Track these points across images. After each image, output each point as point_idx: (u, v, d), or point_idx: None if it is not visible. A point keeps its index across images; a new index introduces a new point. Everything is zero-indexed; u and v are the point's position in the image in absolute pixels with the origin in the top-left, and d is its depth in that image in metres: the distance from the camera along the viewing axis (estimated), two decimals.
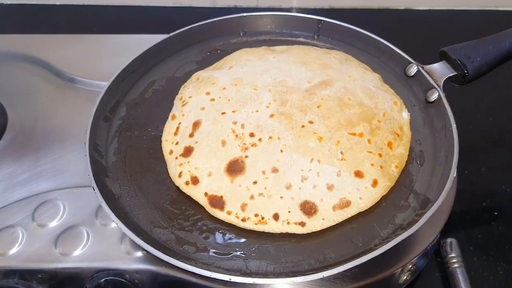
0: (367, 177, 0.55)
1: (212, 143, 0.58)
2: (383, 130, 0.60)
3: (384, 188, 0.55)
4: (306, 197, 0.54)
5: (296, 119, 0.59)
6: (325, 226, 0.52)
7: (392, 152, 0.58)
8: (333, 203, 0.53)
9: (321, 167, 0.55)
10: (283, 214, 0.53)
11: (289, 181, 0.54)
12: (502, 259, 0.63)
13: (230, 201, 0.54)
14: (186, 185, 0.56)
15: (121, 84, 0.69)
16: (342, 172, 0.55)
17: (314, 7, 1.13)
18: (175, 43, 0.76)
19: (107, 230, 0.56)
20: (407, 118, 0.63)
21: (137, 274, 0.53)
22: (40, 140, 0.69)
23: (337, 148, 0.56)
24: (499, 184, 0.73)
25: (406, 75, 0.69)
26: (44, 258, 0.54)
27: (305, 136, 0.57)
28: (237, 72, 0.67)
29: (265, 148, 0.56)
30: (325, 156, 0.56)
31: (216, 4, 1.13)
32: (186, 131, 0.61)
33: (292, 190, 0.54)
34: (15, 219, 0.57)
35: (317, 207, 0.53)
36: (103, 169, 0.59)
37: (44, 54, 0.82)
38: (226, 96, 0.63)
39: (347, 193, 0.54)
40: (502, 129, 0.82)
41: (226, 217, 0.53)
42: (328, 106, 0.60)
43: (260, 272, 0.49)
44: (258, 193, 0.54)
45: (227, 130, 0.58)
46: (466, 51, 0.63)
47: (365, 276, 0.52)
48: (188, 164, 0.57)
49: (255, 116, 0.59)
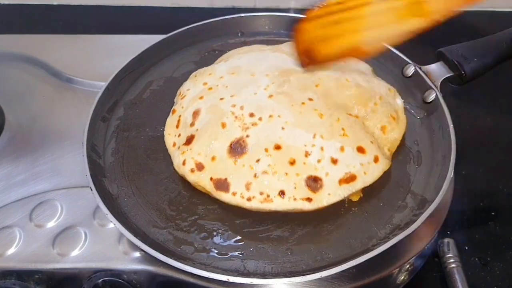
0: (368, 153, 0.55)
1: (213, 127, 0.57)
2: (379, 113, 0.60)
3: (385, 164, 0.56)
4: (311, 171, 0.53)
5: (295, 97, 0.58)
6: (331, 201, 0.52)
7: (385, 136, 0.59)
8: (339, 177, 0.53)
9: (324, 142, 0.54)
10: (289, 190, 0.52)
11: (293, 157, 0.53)
12: (499, 259, 0.63)
13: (235, 182, 0.53)
14: (191, 172, 0.55)
15: (119, 85, 0.68)
16: (345, 147, 0.55)
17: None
18: (173, 43, 0.76)
19: (104, 230, 0.56)
20: (401, 104, 0.63)
21: (135, 274, 0.53)
22: (38, 141, 0.68)
23: (338, 124, 0.56)
24: (496, 184, 0.74)
25: (404, 75, 0.69)
26: (42, 259, 0.53)
27: (305, 112, 0.57)
28: (234, 62, 0.67)
29: (266, 126, 0.56)
30: (328, 131, 0.55)
31: (214, 5, 1.13)
32: (187, 121, 0.60)
33: (297, 166, 0.53)
34: (13, 220, 0.57)
35: (322, 182, 0.53)
36: (100, 169, 0.59)
37: (41, 54, 0.82)
38: (223, 83, 0.62)
39: (352, 167, 0.54)
40: (499, 130, 0.82)
41: (231, 198, 0.53)
42: (327, 85, 0.60)
43: (258, 273, 0.49)
44: (262, 171, 0.53)
45: (227, 113, 0.58)
46: (463, 52, 0.64)
47: (363, 276, 0.52)
48: (191, 151, 0.56)
49: (254, 98, 0.59)
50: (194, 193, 0.56)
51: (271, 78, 0.61)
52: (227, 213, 0.54)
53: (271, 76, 0.62)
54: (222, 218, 0.54)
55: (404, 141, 0.61)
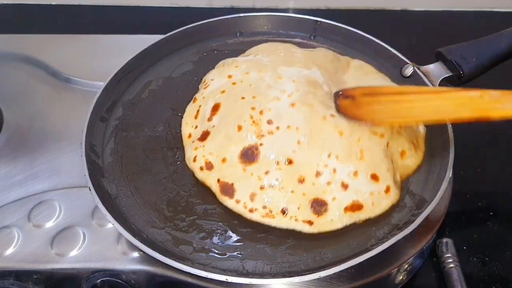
0: (382, 182, 0.53)
1: (229, 128, 0.56)
2: (402, 136, 0.58)
3: (394, 197, 0.54)
4: (319, 194, 0.52)
5: (317, 110, 0.56)
6: (333, 227, 0.51)
7: (401, 162, 0.57)
8: (346, 204, 0.51)
9: (338, 164, 0.52)
10: (292, 210, 0.51)
11: (303, 175, 0.52)
12: (498, 259, 0.64)
13: (240, 190, 0.53)
14: (200, 170, 0.55)
15: (117, 84, 0.68)
16: (359, 172, 0.53)
17: (311, 7, 1.13)
18: (171, 43, 0.76)
19: (103, 230, 0.56)
20: (423, 132, 0.62)
21: (133, 274, 0.53)
22: (36, 141, 0.68)
23: (358, 145, 0.53)
24: (495, 184, 0.74)
25: (402, 76, 0.69)
26: (40, 259, 0.53)
27: (325, 128, 0.54)
28: (262, 59, 0.65)
29: (282, 137, 0.54)
30: (344, 152, 0.53)
31: (213, 5, 1.13)
32: (206, 114, 0.59)
33: (305, 185, 0.52)
34: (11, 220, 0.57)
35: (328, 206, 0.51)
36: (99, 169, 0.59)
37: (40, 54, 0.81)
38: (248, 80, 0.60)
39: (360, 196, 0.52)
40: (498, 130, 0.82)
41: (234, 205, 0.52)
42: None
43: (256, 273, 0.49)
44: (269, 184, 0.52)
45: (245, 115, 0.56)
46: (461, 52, 0.64)
47: (361, 276, 0.52)
48: (203, 149, 0.56)
49: (276, 104, 0.56)
50: (193, 193, 0.56)
51: (297, 85, 0.59)
52: (226, 213, 0.54)
53: (298, 83, 0.59)
54: (221, 218, 0.54)
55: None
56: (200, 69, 0.72)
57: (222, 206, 0.54)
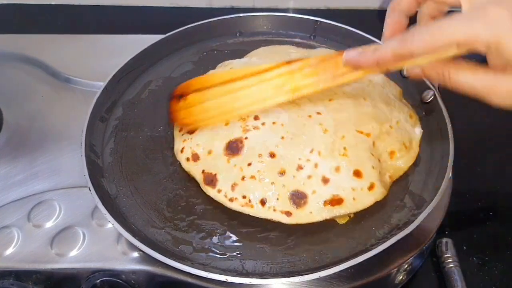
0: (365, 179, 0.54)
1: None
2: (392, 137, 0.58)
3: (379, 194, 0.54)
4: (298, 186, 0.53)
5: (304, 108, 0.58)
6: (311, 220, 0.52)
7: (391, 162, 0.57)
8: (325, 198, 0.52)
9: (320, 159, 0.54)
10: (271, 200, 0.52)
11: (284, 168, 0.53)
12: (498, 259, 0.64)
13: (222, 180, 0.54)
14: (186, 161, 0.57)
15: (117, 84, 0.68)
16: (341, 168, 0.54)
17: (311, 7, 1.13)
18: (171, 43, 0.76)
19: (103, 230, 0.56)
20: (419, 134, 0.61)
21: (133, 274, 0.53)
22: (36, 141, 0.68)
23: (341, 142, 0.55)
24: (495, 184, 0.74)
25: (402, 75, 0.69)
26: (40, 259, 0.53)
27: (309, 125, 0.56)
28: (257, 62, 0.66)
29: (267, 132, 0.56)
30: (327, 148, 0.54)
31: (213, 5, 1.13)
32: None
33: (285, 177, 0.53)
34: (11, 220, 0.57)
35: (307, 199, 0.52)
36: (99, 169, 0.59)
37: (39, 54, 0.81)
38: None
39: (341, 191, 0.53)
40: (498, 130, 0.82)
41: (216, 195, 0.54)
42: (341, 101, 0.59)
43: (256, 272, 0.49)
44: (250, 175, 0.53)
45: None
46: None
47: (361, 276, 0.52)
48: (191, 141, 0.58)
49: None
50: (193, 193, 0.56)
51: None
52: (225, 213, 0.54)
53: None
54: (220, 218, 0.54)
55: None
56: (200, 69, 0.72)
57: (222, 206, 0.54)
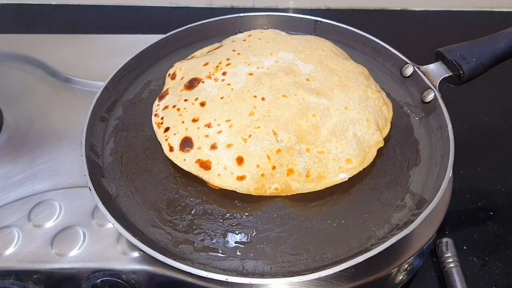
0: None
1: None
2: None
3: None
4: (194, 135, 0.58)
5: (262, 85, 0.61)
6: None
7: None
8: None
9: (229, 130, 0.57)
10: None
11: (208, 123, 0.58)
12: (498, 258, 0.64)
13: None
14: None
15: (117, 84, 0.68)
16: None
17: (311, 7, 1.13)
18: (171, 43, 0.76)
19: (103, 230, 0.56)
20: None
21: (133, 274, 0.53)
22: (36, 140, 0.68)
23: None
24: (495, 184, 0.74)
25: (402, 75, 0.69)
26: (40, 259, 0.53)
27: (245, 98, 0.60)
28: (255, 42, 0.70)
29: (218, 86, 0.61)
30: (238, 120, 0.58)
31: (213, 5, 1.13)
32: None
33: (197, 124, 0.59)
34: (11, 220, 0.57)
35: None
36: (99, 169, 0.59)
37: (40, 54, 0.82)
38: (248, 42, 0.70)
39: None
40: (498, 129, 0.83)
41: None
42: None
43: (256, 272, 0.49)
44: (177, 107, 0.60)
45: (217, 62, 0.65)
46: (461, 52, 0.64)
47: (361, 276, 0.52)
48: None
49: (243, 67, 0.64)
50: (193, 193, 0.56)
51: (276, 66, 0.64)
52: (226, 213, 0.54)
53: (279, 65, 0.64)
54: (221, 218, 0.54)
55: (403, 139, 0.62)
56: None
57: (222, 206, 0.54)
